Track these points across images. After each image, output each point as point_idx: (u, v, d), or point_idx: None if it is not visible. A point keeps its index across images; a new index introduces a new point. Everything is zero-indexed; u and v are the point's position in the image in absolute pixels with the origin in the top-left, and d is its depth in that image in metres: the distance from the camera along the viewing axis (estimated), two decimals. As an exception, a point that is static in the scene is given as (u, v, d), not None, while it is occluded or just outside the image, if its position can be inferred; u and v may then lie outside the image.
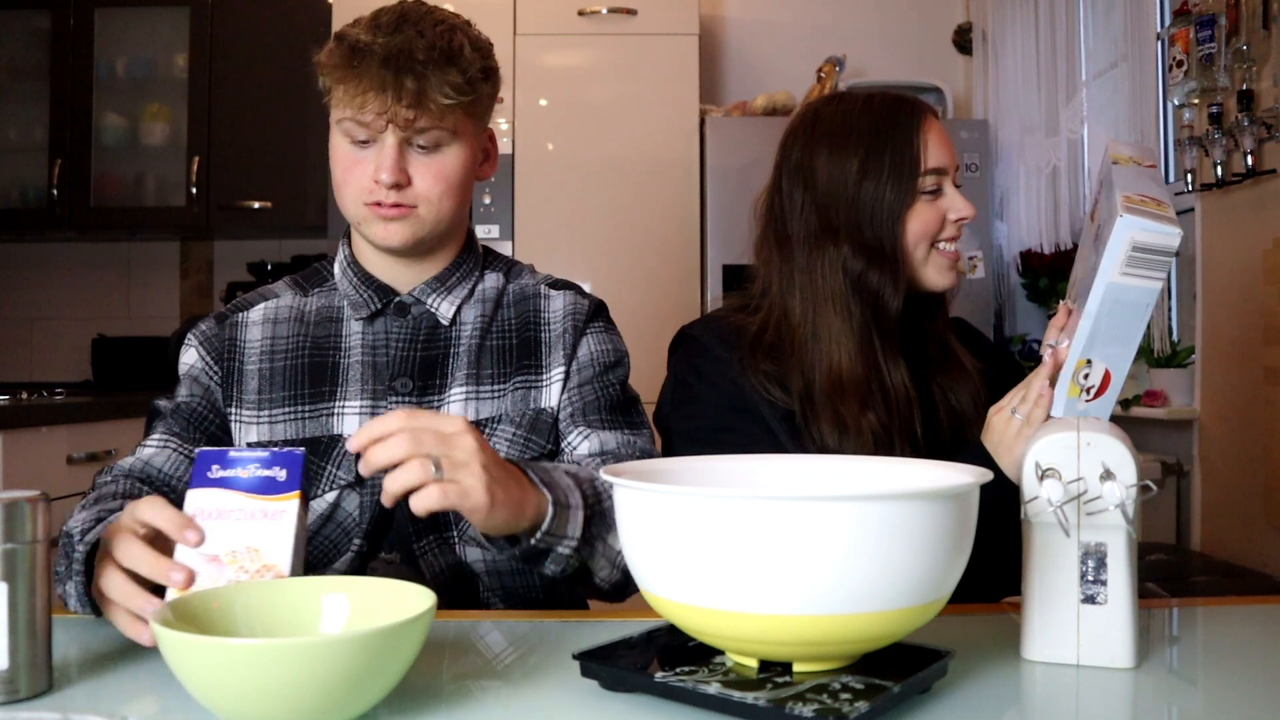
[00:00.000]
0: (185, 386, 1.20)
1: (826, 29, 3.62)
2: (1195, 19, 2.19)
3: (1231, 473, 2.28)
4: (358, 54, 1.07)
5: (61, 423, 2.49)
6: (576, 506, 0.99)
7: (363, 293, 1.20)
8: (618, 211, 3.14)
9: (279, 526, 0.85)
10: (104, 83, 3.37)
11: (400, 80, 1.06)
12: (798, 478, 0.92)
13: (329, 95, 1.12)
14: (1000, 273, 3.30)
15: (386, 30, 1.08)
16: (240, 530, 0.85)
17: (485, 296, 1.23)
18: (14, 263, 3.63)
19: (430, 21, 1.11)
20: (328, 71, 1.10)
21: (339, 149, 1.14)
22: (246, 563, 0.84)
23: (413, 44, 1.07)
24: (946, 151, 1.24)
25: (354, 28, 1.10)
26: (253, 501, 0.86)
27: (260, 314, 1.22)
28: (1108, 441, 0.82)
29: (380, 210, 1.12)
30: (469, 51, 1.11)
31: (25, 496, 0.76)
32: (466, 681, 0.81)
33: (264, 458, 0.87)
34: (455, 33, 1.12)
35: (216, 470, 0.87)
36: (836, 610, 0.69)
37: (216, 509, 0.86)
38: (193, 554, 0.84)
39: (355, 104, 1.08)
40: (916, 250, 1.24)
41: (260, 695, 0.65)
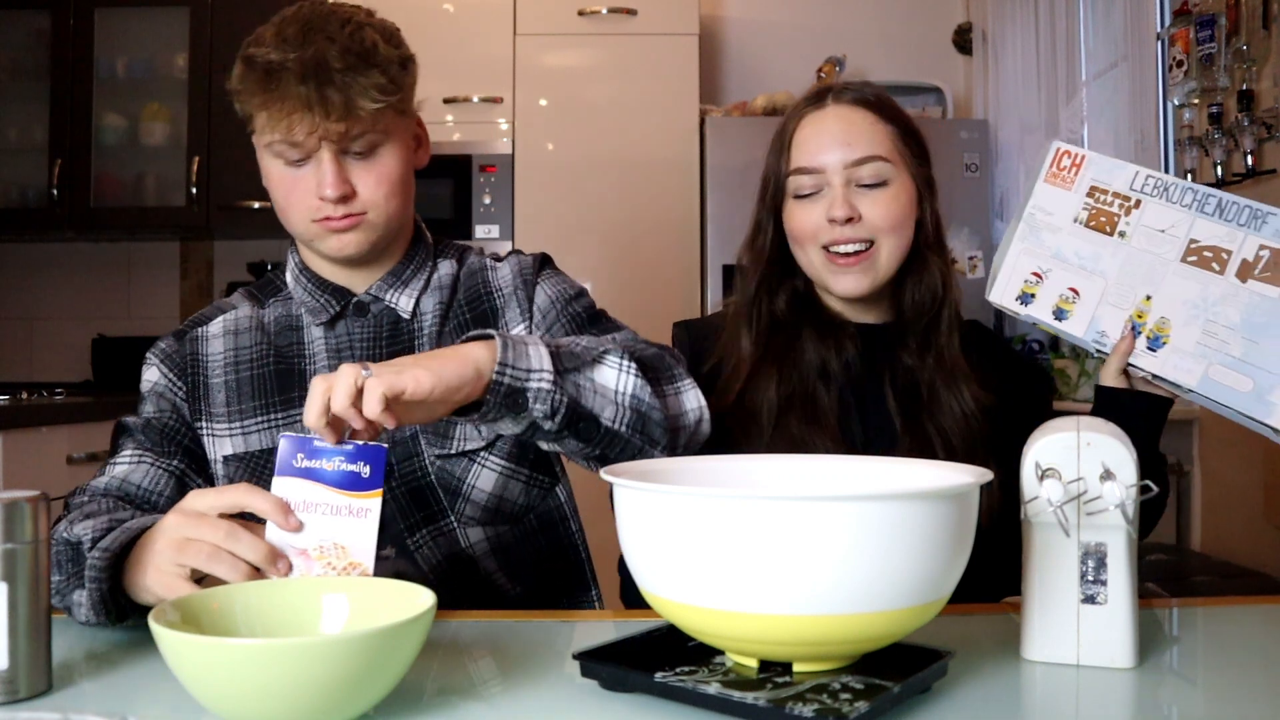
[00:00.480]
0: (150, 403, 1.18)
1: (826, 29, 3.62)
2: (1195, 19, 2.19)
3: (1231, 473, 2.28)
4: (273, 75, 1.04)
5: (61, 423, 2.49)
6: (534, 343, 0.95)
7: (319, 298, 1.18)
8: (618, 211, 3.14)
9: (365, 525, 0.85)
10: (104, 83, 3.37)
11: (323, 93, 1.03)
12: (798, 478, 0.92)
13: (251, 121, 1.09)
14: (1000, 273, 3.30)
15: (295, 43, 1.04)
16: (328, 525, 0.84)
17: (441, 284, 1.21)
18: (14, 263, 3.63)
19: (336, 23, 1.07)
20: (245, 98, 1.07)
21: (274, 173, 1.11)
22: (334, 559, 0.84)
23: (326, 53, 1.04)
24: (820, 150, 1.20)
25: (260, 47, 1.06)
26: (339, 497, 0.85)
27: (219, 326, 1.21)
28: (1108, 441, 0.82)
29: (330, 224, 1.10)
30: (383, 47, 1.08)
31: (25, 496, 0.76)
32: (466, 681, 0.80)
33: (349, 451, 0.85)
34: (364, 30, 1.08)
35: (302, 459, 0.85)
36: (836, 610, 0.69)
37: (304, 500, 0.84)
38: (284, 544, 0.83)
39: (282, 127, 1.05)
40: (804, 254, 1.23)
41: (260, 695, 0.65)
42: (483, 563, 1.16)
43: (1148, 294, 1.09)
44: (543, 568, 1.21)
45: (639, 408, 0.99)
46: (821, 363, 1.22)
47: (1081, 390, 2.78)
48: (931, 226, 1.25)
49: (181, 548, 0.84)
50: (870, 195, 1.19)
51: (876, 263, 1.20)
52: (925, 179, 1.25)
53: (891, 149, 1.21)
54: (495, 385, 0.90)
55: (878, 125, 1.21)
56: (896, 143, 1.22)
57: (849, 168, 1.19)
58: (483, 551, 1.16)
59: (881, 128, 1.21)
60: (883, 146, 1.20)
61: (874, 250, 1.20)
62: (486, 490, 1.15)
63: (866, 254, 1.19)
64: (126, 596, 0.90)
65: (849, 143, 1.19)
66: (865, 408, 1.22)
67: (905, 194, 1.21)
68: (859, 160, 1.19)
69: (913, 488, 0.73)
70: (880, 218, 1.19)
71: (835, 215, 1.18)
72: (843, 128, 1.20)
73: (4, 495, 0.75)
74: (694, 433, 1.07)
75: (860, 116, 1.21)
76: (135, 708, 0.74)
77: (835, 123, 1.21)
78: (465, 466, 1.15)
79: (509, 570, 1.18)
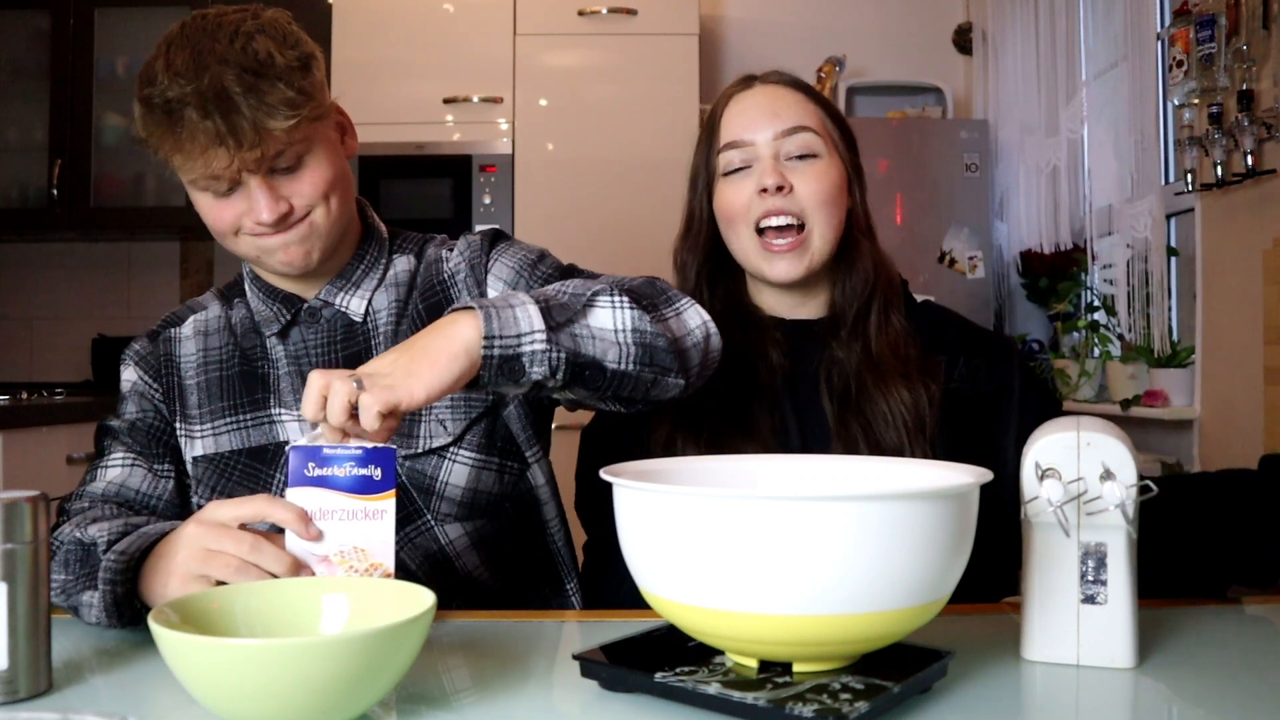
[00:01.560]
0: (132, 403, 1.19)
1: (826, 29, 3.62)
2: (1195, 19, 2.19)
3: (1231, 473, 2.28)
4: (174, 115, 0.99)
5: (61, 423, 2.49)
6: (522, 303, 0.91)
7: (271, 307, 1.17)
8: (618, 211, 3.14)
9: (381, 526, 0.86)
10: (104, 83, 3.37)
11: (231, 123, 0.98)
12: (798, 478, 0.92)
13: (167, 158, 1.03)
14: (1000, 273, 3.30)
15: (188, 74, 0.98)
16: (346, 530, 0.85)
17: (397, 281, 1.19)
18: (14, 263, 3.63)
19: (225, 38, 1.01)
20: (155, 143, 1.02)
21: (205, 205, 1.07)
22: (355, 562, 0.85)
23: (222, 78, 0.98)
24: (749, 125, 1.19)
25: (153, 85, 1.00)
26: (354, 501, 0.86)
27: (191, 327, 1.21)
28: (1108, 441, 0.82)
29: (277, 237, 1.07)
30: (280, 55, 1.01)
31: (25, 496, 0.76)
32: (466, 681, 0.80)
33: (358, 455, 0.86)
34: (255, 40, 1.01)
35: (313, 468, 0.85)
36: (836, 610, 0.69)
37: (320, 508, 0.85)
38: (305, 554, 0.85)
39: (199, 165, 1.01)
40: (737, 239, 1.20)
41: (260, 695, 0.65)
42: (464, 559, 1.16)
43: None
44: (525, 557, 1.21)
45: (642, 341, 0.96)
46: (749, 368, 1.19)
47: (1081, 390, 2.79)
48: (863, 215, 1.23)
49: (206, 559, 0.85)
50: (800, 168, 1.18)
51: (810, 245, 1.17)
52: (854, 166, 1.23)
53: (820, 125, 1.20)
54: (487, 360, 0.88)
55: (805, 102, 1.21)
56: (825, 122, 1.21)
57: (778, 139, 1.18)
58: (463, 547, 1.15)
59: (809, 105, 1.21)
60: (811, 119, 1.20)
61: (806, 233, 1.17)
62: (460, 485, 1.15)
63: (799, 238, 1.17)
64: (140, 600, 0.91)
65: (777, 114, 1.19)
66: (800, 409, 1.18)
67: (835, 171, 1.19)
68: (788, 130, 1.18)
69: (913, 488, 0.73)
70: (810, 192, 1.17)
71: (766, 184, 1.16)
72: (769, 101, 1.20)
73: (4, 495, 0.75)
74: (705, 350, 1.03)
75: (787, 93, 1.21)
76: (135, 708, 0.74)
77: (764, 98, 1.21)
78: (436, 464, 1.14)
79: (490, 564, 1.17)
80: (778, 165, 1.17)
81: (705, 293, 1.24)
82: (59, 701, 0.76)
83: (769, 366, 1.19)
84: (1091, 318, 2.77)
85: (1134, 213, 2.56)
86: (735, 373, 1.16)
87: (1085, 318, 2.80)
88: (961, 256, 3.08)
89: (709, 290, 1.24)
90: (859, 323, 1.20)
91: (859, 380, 1.17)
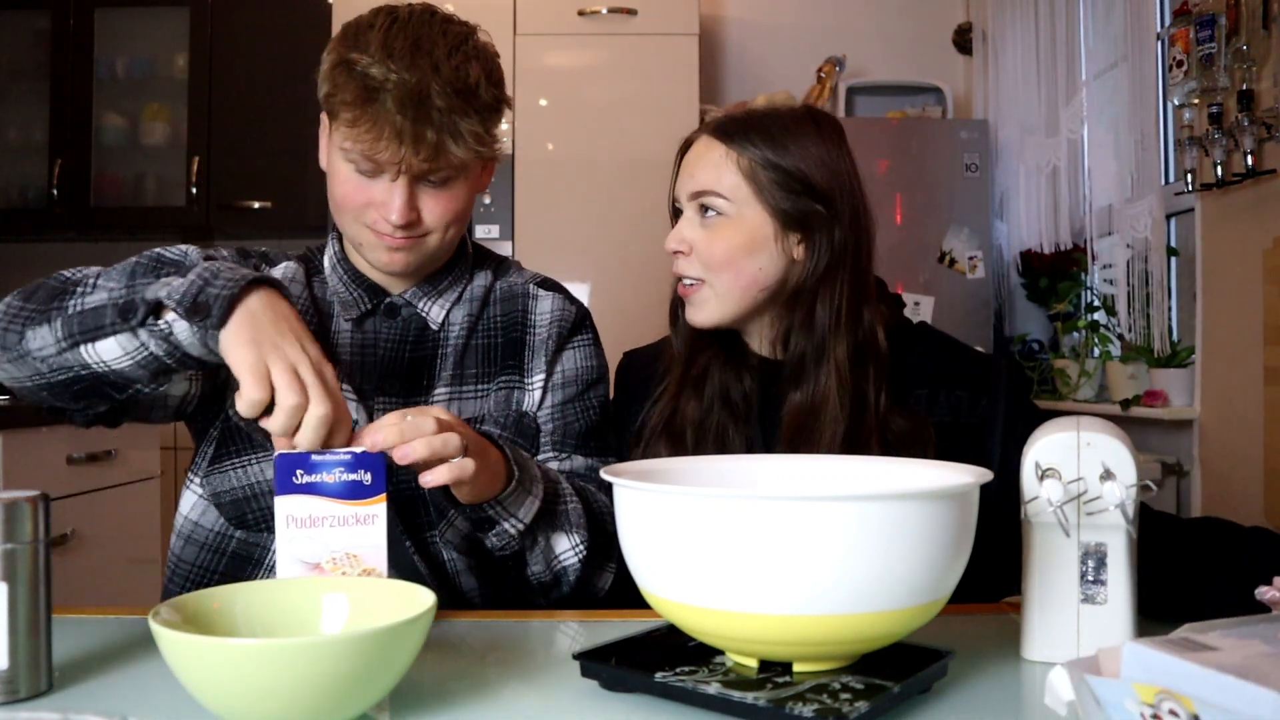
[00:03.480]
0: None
1: (826, 29, 3.62)
2: (1195, 19, 2.19)
3: (1231, 473, 2.28)
4: (371, 91, 1.00)
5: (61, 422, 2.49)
6: (535, 496, 1.02)
7: (353, 292, 1.18)
8: (618, 211, 3.14)
9: (374, 531, 0.85)
10: (104, 83, 3.37)
11: (418, 130, 1.00)
12: (798, 478, 0.92)
13: (334, 116, 1.05)
14: (1000, 273, 3.30)
15: (400, 62, 1.00)
16: (337, 536, 0.85)
17: (473, 296, 1.21)
18: (14, 263, 3.63)
19: (444, 47, 1.03)
20: (336, 100, 1.03)
21: (341, 171, 1.08)
22: (347, 568, 0.85)
23: (429, 85, 1.00)
24: (682, 180, 1.19)
25: (362, 53, 1.01)
26: (344, 507, 0.85)
27: (282, 272, 1.19)
28: (1108, 441, 0.82)
29: (388, 239, 1.09)
30: (484, 89, 1.05)
31: (25, 496, 0.76)
32: (466, 681, 0.80)
33: (347, 461, 0.85)
34: (470, 65, 1.04)
35: (302, 475, 0.84)
36: (836, 610, 0.69)
37: (309, 515, 0.85)
38: (296, 563, 0.84)
39: (365, 145, 1.02)
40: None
41: (260, 695, 0.65)
42: (462, 579, 1.15)
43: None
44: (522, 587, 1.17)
45: (560, 578, 1.09)
46: (725, 391, 1.19)
47: (1082, 390, 2.79)
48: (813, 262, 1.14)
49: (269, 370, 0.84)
50: (707, 229, 1.16)
51: (707, 296, 1.16)
52: (798, 214, 1.13)
53: (739, 182, 1.14)
54: (478, 507, 0.98)
55: (728, 158, 1.15)
56: (754, 174, 1.14)
57: (690, 199, 1.18)
58: (463, 568, 1.14)
59: (732, 159, 1.14)
60: (725, 180, 1.14)
61: (703, 287, 1.16)
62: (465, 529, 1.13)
63: (697, 286, 1.17)
64: (209, 332, 0.87)
65: (692, 174, 1.18)
66: (767, 441, 1.18)
67: (745, 230, 1.14)
68: (695, 193, 1.17)
69: (913, 488, 0.73)
70: (709, 254, 1.15)
71: (668, 245, 1.18)
72: (695, 158, 1.19)
73: (4, 495, 0.75)
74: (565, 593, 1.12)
75: (710, 147, 1.17)
76: (135, 708, 0.74)
77: (692, 153, 1.20)
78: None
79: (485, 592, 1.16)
80: (687, 226, 1.17)
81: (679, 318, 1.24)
82: (59, 701, 0.76)
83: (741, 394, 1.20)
84: (1091, 318, 2.77)
85: (1134, 213, 2.56)
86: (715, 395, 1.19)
87: (1085, 318, 2.80)
88: (961, 256, 3.08)
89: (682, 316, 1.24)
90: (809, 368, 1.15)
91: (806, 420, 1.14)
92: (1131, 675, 0.63)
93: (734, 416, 1.18)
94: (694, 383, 1.20)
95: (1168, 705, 0.57)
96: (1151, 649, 0.63)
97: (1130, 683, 0.60)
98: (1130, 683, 0.60)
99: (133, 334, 0.89)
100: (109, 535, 2.55)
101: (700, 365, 1.21)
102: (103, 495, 2.57)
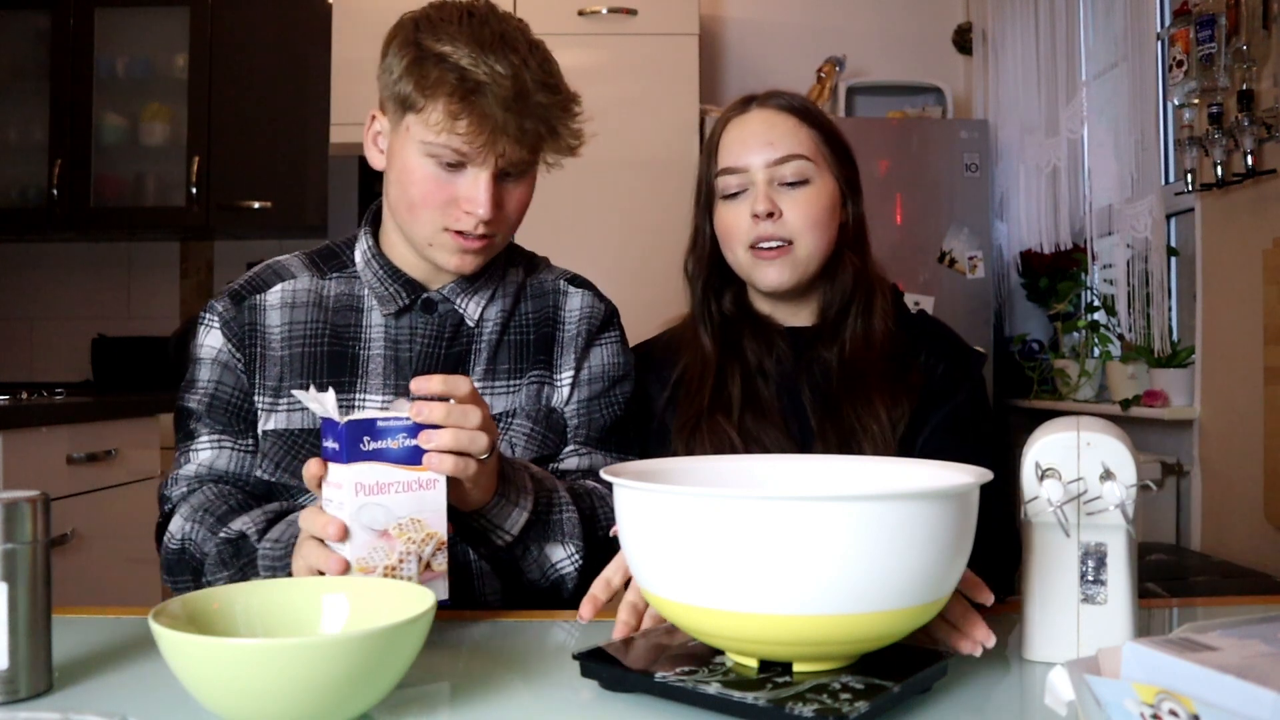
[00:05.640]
0: (211, 372, 1.16)
1: (826, 29, 3.62)
2: (1195, 19, 2.19)
3: (1231, 473, 2.28)
4: (471, 85, 1.01)
5: (61, 423, 2.49)
6: (524, 509, 1.03)
7: (389, 287, 1.17)
8: (618, 211, 3.14)
9: (435, 495, 0.88)
10: (104, 83, 3.37)
11: (522, 123, 1.03)
12: (798, 478, 0.92)
13: (414, 109, 1.04)
14: (1000, 273, 3.30)
15: (495, 55, 1.02)
16: (402, 502, 0.86)
17: (507, 292, 1.22)
18: (14, 263, 3.63)
19: (524, 41, 1.07)
20: (422, 94, 1.03)
21: (420, 168, 1.07)
22: (413, 534, 0.87)
23: (525, 78, 1.03)
24: (745, 151, 1.24)
25: (453, 46, 1.02)
26: (408, 473, 0.87)
27: (278, 297, 1.18)
28: (1108, 441, 0.82)
29: (463, 241, 1.09)
30: (561, 83, 1.10)
31: (25, 496, 0.76)
32: (466, 681, 0.80)
33: (410, 427, 0.87)
34: (549, 59, 1.10)
35: (369, 443, 0.85)
36: (836, 610, 0.69)
37: (377, 482, 0.85)
38: (365, 531, 0.85)
39: (466, 135, 1.03)
40: (732, 254, 1.27)
41: (260, 695, 0.65)
42: (484, 581, 1.15)
43: None
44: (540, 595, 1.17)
45: (558, 586, 1.10)
46: (759, 361, 1.26)
47: (1082, 390, 2.78)
48: (853, 228, 1.29)
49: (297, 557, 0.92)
50: (791, 194, 1.23)
51: (796, 257, 1.23)
52: (849, 181, 1.28)
53: (813, 150, 1.25)
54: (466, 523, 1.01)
55: (800, 128, 1.25)
56: (819, 145, 1.25)
57: (771, 166, 1.23)
58: (486, 570, 1.14)
59: (804, 130, 1.25)
60: (804, 146, 1.24)
61: (792, 247, 1.23)
62: None
63: (786, 249, 1.23)
64: None
65: (771, 142, 1.24)
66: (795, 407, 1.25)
67: (827, 194, 1.25)
68: (781, 159, 1.23)
69: (913, 488, 0.73)
70: (800, 216, 1.22)
71: (757, 209, 1.22)
72: (765, 129, 1.25)
73: (4, 495, 0.75)
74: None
75: (782, 119, 1.26)
76: (135, 708, 0.74)
77: (759, 125, 1.26)
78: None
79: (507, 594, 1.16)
80: (770, 191, 1.23)
81: (711, 303, 1.32)
82: (59, 701, 0.76)
83: (774, 361, 1.26)
84: (1091, 318, 2.77)
85: (1134, 213, 2.56)
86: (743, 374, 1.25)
87: (1085, 318, 2.80)
88: (961, 256, 3.08)
89: (715, 300, 1.32)
90: (838, 326, 1.27)
91: (839, 384, 1.24)
92: (1131, 675, 0.63)
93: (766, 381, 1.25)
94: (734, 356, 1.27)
95: (1168, 705, 0.57)
96: (1151, 649, 0.63)
97: (1130, 683, 0.60)
98: (1130, 683, 0.60)
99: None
100: (109, 535, 2.55)
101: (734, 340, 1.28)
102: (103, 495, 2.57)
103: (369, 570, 0.85)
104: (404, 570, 0.87)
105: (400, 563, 0.87)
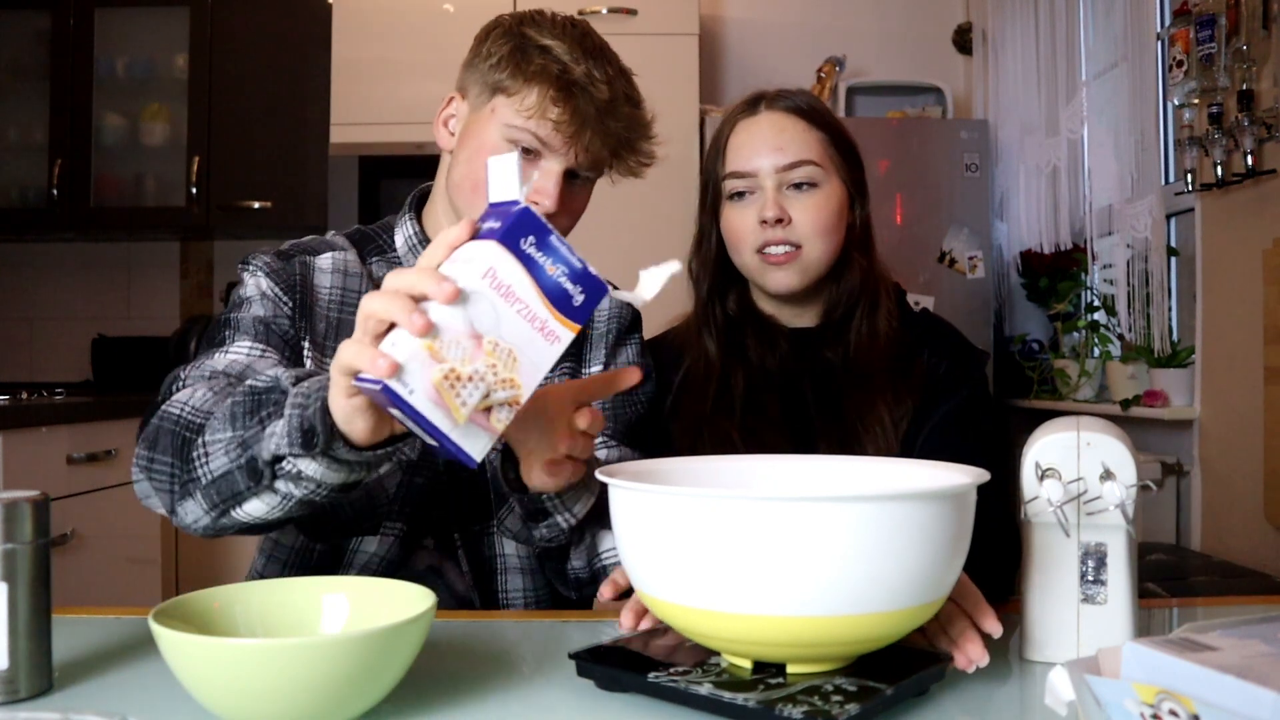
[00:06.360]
0: (261, 306, 1.08)
1: (826, 29, 3.62)
2: (1195, 19, 2.19)
3: (1231, 473, 2.28)
4: (572, 80, 1.06)
5: (61, 423, 2.49)
6: (592, 493, 1.03)
7: None
8: (617, 211, 3.13)
9: (548, 351, 0.73)
10: (104, 83, 3.37)
11: (607, 127, 1.08)
12: (797, 478, 0.92)
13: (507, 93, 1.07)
14: (1000, 273, 3.30)
15: (594, 61, 1.08)
16: (515, 326, 0.72)
17: None
18: (14, 263, 3.63)
19: (611, 58, 1.14)
20: (529, 81, 1.06)
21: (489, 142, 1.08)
22: (499, 363, 0.71)
23: (620, 87, 1.10)
24: (754, 155, 1.24)
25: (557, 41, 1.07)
26: (543, 307, 0.72)
27: (329, 262, 1.14)
28: (1108, 441, 0.82)
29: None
30: (643, 104, 1.15)
31: (25, 496, 0.76)
32: (464, 681, 0.81)
33: (576, 268, 0.73)
34: (631, 81, 1.16)
35: (529, 244, 0.72)
36: (834, 611, 0.68)
37: (509, 286, 0.71)
38: (460, 322, 0.70)
39: (545, 125, 1.06)
40: (739, 256, 1.27)
41: (260, 695, 0.65)
42: (508, 578, 1.15)
43: None
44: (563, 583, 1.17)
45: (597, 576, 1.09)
46: (761, 362, 1.27)
47: (1082, 390, 2.78)
48: (860, 229, 1.29)
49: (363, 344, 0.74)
50: (800, 198, 1.23)
51: (804, 262, 1.23)
52: (856, 183, 1.28)
53: (822, 154, 1.25)
54: (536, 497, 1.00)
55: (809, 131, 1.25)
56: (828, 148, 1.25)
57: (780, 171, 1.23)
58: (511, 567, 1.14)
59: (813, 134, 1.25)
60: (813, 151, 1.24)
61: (801, 252, 1.23)
62: None
63: (795, 252, 1.23)
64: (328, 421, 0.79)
65: (780, 147, 1.24)
66: (798, 408, 1.26)
67: (835, 197, 1.25)
68: (790, 164, 1.23)
69: (912, 488, 0.73)
70: (808, 221, 1.23)
71: (766, 215, 1.22)
72: (774, 133, 1.25)
73: (4, 495, 0.75)
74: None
75: (791, 123, 1.25)
76: (135, 708, 0.74)
77: (768, 129, 1.26)
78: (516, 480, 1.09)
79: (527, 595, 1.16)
80: (778, 196, 1.23)
81: (715, 304, 1.32)
82: (59, 701, 0.76)
83: (777, 362, 1.27)
84: (1091, 318, 2.77)
85: (1134, 213, 2.56)
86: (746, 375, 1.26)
87: (1085, 318, 2.80)
88: (961, 256, 3.08)
89: (719, 301, 1.32)
90: (842, 326, 1.28)
91: (842, 384, 1.24)
92: (1131, 675, 0.63)
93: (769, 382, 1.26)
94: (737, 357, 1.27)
95: (1168, 705, 0.57)
96: (1151, 649, 0.63)
97: (1130, 683, 0.60)
98: (1130, 683, 0.60)
99: (271, 491, 0.85)
100: (109, 535, 2.55)
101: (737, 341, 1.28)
102: (103, 495, 2.57)
103: (438, 358, 0.70)
104: (464, 390, 0.70)
105: (469, 378, 0.70)
